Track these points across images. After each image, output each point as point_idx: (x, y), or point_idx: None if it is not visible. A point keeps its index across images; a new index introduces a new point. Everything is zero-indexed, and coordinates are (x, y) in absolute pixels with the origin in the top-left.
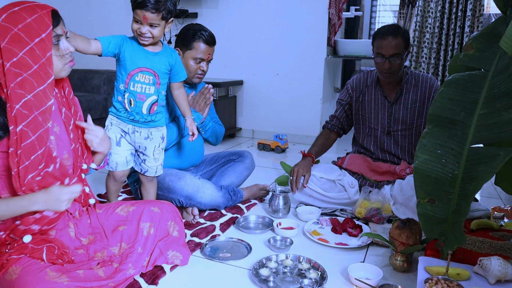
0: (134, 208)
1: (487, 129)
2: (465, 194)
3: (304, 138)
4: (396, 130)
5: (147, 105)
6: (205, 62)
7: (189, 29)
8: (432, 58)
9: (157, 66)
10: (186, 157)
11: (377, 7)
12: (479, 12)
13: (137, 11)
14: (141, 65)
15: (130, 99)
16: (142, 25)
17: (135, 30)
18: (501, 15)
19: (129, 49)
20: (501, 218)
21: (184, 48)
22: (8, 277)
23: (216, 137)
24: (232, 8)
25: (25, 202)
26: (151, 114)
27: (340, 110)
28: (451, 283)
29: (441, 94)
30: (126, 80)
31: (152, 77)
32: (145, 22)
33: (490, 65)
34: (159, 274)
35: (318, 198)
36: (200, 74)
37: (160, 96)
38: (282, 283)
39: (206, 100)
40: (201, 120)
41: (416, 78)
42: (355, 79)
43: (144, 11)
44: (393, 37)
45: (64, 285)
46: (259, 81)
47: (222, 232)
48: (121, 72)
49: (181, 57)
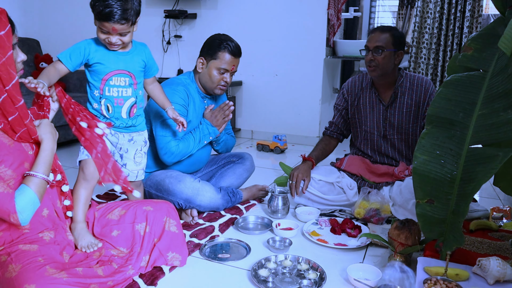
0: (126, 212)
1: (486, 129)
2: (464, 195)
3: (303, 138)
4: (392, 133)
5: (126, 108)
6: (228, 73)
7: (216, 39)
8: (431, 59)
9: (131, 66)
10: (191, 165)
11: (376, 7)
12: (477, 12)
13: (103, 23)
14: (114, 68)
15: (107, 105)
16: (111, 35)
17: (103, 39)
18: (500, 15)
19: (98, 53)
20: (500, 219)
21: (208, 57)
22: (8, 275)
23: (226, 149)
24: (231, 9)
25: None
26: (131, 117)
27: (337, 116)
28: (450, 284)
29: (439, 94)
30: (101, 86)
31: (128, 79)
32: (114, 33)
33: (489, 65)
34: (158, 275)
35: (316, 201)
36: (223, 85)
37: (138, 97)
38: (281, 283)
39: (225, 116)
40: (217, 135)
41: (411, 81)
42: (350, 82)
43: (112, 24)
44: (381, 32)
45: (64, 281)
46: (258, 81)
47: (221, 233)
48: (93, 78)
49: (205, 66)
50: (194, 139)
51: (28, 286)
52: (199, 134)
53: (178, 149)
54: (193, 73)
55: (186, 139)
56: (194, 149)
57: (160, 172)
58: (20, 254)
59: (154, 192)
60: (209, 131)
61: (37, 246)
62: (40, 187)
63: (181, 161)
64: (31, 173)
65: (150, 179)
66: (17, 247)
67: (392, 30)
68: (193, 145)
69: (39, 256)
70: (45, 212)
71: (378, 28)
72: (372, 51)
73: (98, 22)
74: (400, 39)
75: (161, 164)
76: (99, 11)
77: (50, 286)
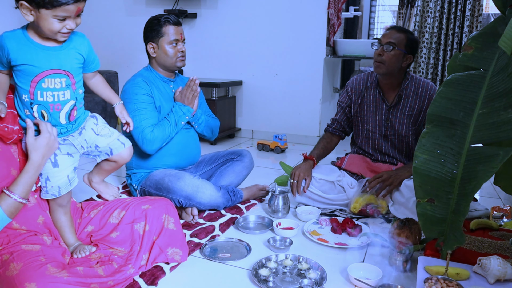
0: (125, 213)
1: (486, 128)
2: (465, 194)
3: (304, 138)
4: (393, 134)
5: (64, 113)
6: (180, 43)
7: (153, 20)
8: (431, 58)
9: (67, 63)
10: (182, 154)
11: (376, 7)
12: (478, 12)
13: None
14: (45, 67)
15: (41, 111)
16: (71, 20)
17: (57, 30)
18: (500, 14)
19: (21, 50)
20: (500, 218)
21: (155, 39)
22: (9, 273)
23: (211, 130)
24: (231, 8)
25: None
26: (71, 122)
27: (340, 113)
28: (450, 283)
29: (440, 94)
30: (30, 90)
31: (64, 79)
32: (76, 15)
33: (489, 64)
34: (158, 275)
35: (317, 200)
36: (181, 56)
37: (78, 98)
38: (281, 283)
39: (194, 92)
40: (192, 113)
41: (417, 85)
42: (355, 80)
43: (78, 3)
44: (397, 31)
45: (64, 280)
46: (258, 81)
47: (222, 233)
48: (19, 80)
49: (157, 48)
50: (169, 122)
51: (28, 284)
52: (173, 116)
53: (153, 136)
54: (149, 63)
55: (161, 124)
56: (172, 132)
57: (159, 171)
58: (22, 253)
59: (154, 192)
60: (182, 111)
61: (40, 247)
62: (12, 207)
63: (170, 151)
64: (6, 192)
65: (149, 178)
66: (19, 246)
67: (408, 33)
68: (169, 128)
69: (41, 255)
70: (40, 219)
71: (395, 26)
72: (383, 46)
73: (52, 10)
74: (414, 43)
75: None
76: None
77: (50, 285)
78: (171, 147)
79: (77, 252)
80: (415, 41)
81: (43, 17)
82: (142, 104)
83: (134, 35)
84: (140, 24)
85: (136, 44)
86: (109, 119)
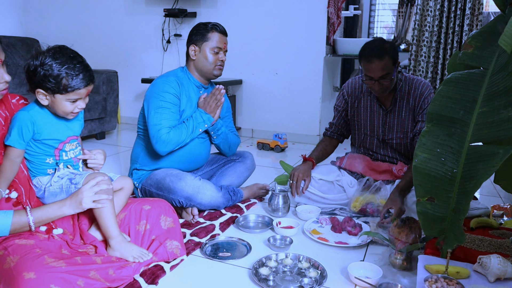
0: (125, 214)
1: (486, 127)
2: (465, 192)
3: (304, 137)
4: (391, 138)
5: (80, 161)
6: (222, 52)
7: (200, 25)
8: (431, 57)
9: (76, 128)
10: (190, 163)
11: (376, 5)
12: (478, 10)
13: (76, 92)
14: (64, 138)
15: (67, 165)
16: (82, 100)
17: (70, 111)
18: (500, 13)
19: (46, 126)
20: (500, 216)
21: (199, 42)
22: (6, 266)
23: (229, 146)
24: (231, 7)
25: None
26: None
27: (337, 117)
28: (450, 281)
29: (440, 92)
30: (55, 153)
31: (76, 142)
32: (86, 95)
33: (489, 63)
34: (159, 274)
35: (317, 201)
36: (220, 65)
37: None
38: (282, 282)
39: (217, 101)
40: (212, 122)
41: (410, 85)
42: (351, 84)
43: (88, 87)
44: (379, 60)
45: (63, 269)
46: (258, 80)
47: (222, 232)
48: (41, 149)
49: (198, 52)
50: (186, 127)
51: (27, 274)
52: (192, 122)
53: (168, 137)
54: (186, 65)
55: (178, 127)
56: (188, 138)
57: (160, 171)
58: (17, 247)
59: (154, 191)
60: (203, 118)
61: (34, 241)
62: (20, 225)
63: (180, 158)
64: (27, 210)
65: (150, 178)
66: (13, 241)
67: (386, 50)
68: (185, 134)
69: (37, 248)
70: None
71: (373, 54)
72: (378, 81)
73: (65, 94)
74: (395, 52)
75: (160, 162)
76: (68, 82)
77: (49, 274)
78: (182, 154)
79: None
80: (394, 48)
81: (57, 101)
82: (168, 103)
83: (134, 34)
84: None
85: (136, 43)
86: (109, 119)
